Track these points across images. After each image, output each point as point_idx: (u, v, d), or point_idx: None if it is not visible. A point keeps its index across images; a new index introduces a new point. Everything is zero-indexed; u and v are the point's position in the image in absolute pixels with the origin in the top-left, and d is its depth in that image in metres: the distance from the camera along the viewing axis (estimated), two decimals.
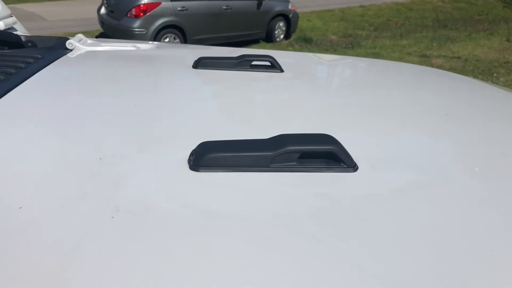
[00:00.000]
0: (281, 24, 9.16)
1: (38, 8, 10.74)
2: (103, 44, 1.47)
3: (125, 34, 7.23)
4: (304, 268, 0.52)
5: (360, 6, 13.99)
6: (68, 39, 1.37)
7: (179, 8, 7.49)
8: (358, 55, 8.19)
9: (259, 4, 8.53)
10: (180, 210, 0.62)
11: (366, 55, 8.17)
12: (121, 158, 0.75)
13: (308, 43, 9.15)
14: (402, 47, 8.94)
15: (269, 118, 0.97)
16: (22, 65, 1.12)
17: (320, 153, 0.74)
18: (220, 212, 0.62)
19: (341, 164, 0.73)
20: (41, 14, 10.32)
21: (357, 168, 0.74)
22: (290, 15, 9.17)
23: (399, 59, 7.91)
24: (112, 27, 7.60)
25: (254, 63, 1.28)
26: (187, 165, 0.72)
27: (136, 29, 7.20)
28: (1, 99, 0.93)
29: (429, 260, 0.55)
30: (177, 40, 7.60)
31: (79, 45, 1.38)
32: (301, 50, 8.56)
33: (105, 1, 7.90)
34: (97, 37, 8.55)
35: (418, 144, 0.89)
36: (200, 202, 0.64)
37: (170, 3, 7.40)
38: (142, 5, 7.20)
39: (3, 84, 0.99)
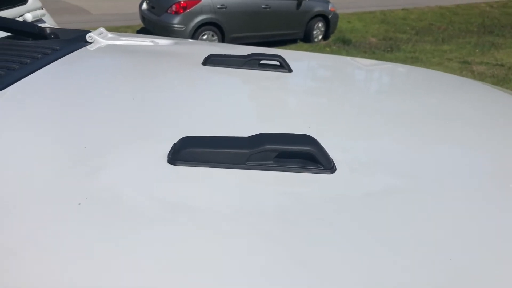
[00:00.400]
0: (320, 24, 9.10)
1: (83, 2, 11.05)
2: (123, 39, 1.51)
3: (165, 30, 7.35)
4: (257, 266, 0.53)
5: (403, 9, 13.72)
6: (89, 32, 1.42)
7: (218, 6, 7.56)
8: (396, 58, 8.05)
9: (299, 4, 8.50)
10: (146, 201, 0.63)
11: (405, 59, 8.01)
12: (105, 148, 0.77)
13: (346, 45, 9.05)
14: (443, 53, 8.71)
15: (265, 117, 0.98)
16: (39, 56, 1.17)
17: (298, 153, 0.74)
18: (187, 205, 0.63)
19: (318, 165, 0.73)
20: (85, 8, 10.62)
21: (335, 170, 0.74)
22: (330, 16, 9.09)
23: (439, 64, 7.72)
24: (153, 23, 7.75)
25: (263, 62, 1.30)
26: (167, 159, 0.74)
27: (175, 26, 7.32)
28: (10, 87, 0.98)
29: (387, 269, 0.54)
30: (215, 37, 7.68)
31: (98, 38, 1.43)
32: (338, 51, 8.48)
33: None
34: (137, 32, 8.73)
35: (408, 150, 0.87)
36: (169, 195, 0.65)
37: (209, 1, 7.48)
38: (182, 2, 7.31)
39: (15, 73, 1.04)
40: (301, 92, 1.21)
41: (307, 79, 1.35)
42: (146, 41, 1.54)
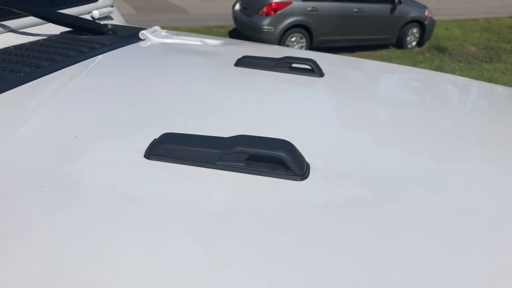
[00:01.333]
0: (415, 30, 8.77)
1: (183, 2, 11.62)
2: (175, 37, 1.57)
3: (254, 31, 7.53)
4: (187, 268, 0.53)
5: (511, 17, 12.73)
6: (143, 29, 1.50)
7: (309, 8, 7.57)
8: (495, 69, 7.52)
9: (393, 9, 8.25)
10: (105, 190, 0.66)
11: (505, 71, 7.46)
12: (95, 138, 0.81)
13: (441, 53, 8.62)
14: None
15: (269, 121, 0.96)
16: (86, 50, 1.25)
17: (269, 158, 0.73)
18: (142, 199, 0.65)
19: (288, 171, 0.72)
20: (184, 7, 11.17)
21: (306, 177, 0.72)
22: (426, 22, 8.72)
23: None
24: (244, 23, 7.96)
25: (294, 65, 1.28)
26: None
27: (265, 27, 7.45)
28: (47, 76, 1.06)
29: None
30: (303, 39, 7.71)
31: (150, 36, 1.50)
32: (432, 59, 8.11)
33: None
34: (229, 32, 9.01)
35: (403, 164, 0.82)
36: (128, 187, 0.67)
37: (301, 3, 7.52)
38: (273, 4, 7.43)
39: (57, 64, 1.13)
40: (323, 97, 1.17)
41: (337, 84, 1.30)
42: (195, 40, 1.59)
